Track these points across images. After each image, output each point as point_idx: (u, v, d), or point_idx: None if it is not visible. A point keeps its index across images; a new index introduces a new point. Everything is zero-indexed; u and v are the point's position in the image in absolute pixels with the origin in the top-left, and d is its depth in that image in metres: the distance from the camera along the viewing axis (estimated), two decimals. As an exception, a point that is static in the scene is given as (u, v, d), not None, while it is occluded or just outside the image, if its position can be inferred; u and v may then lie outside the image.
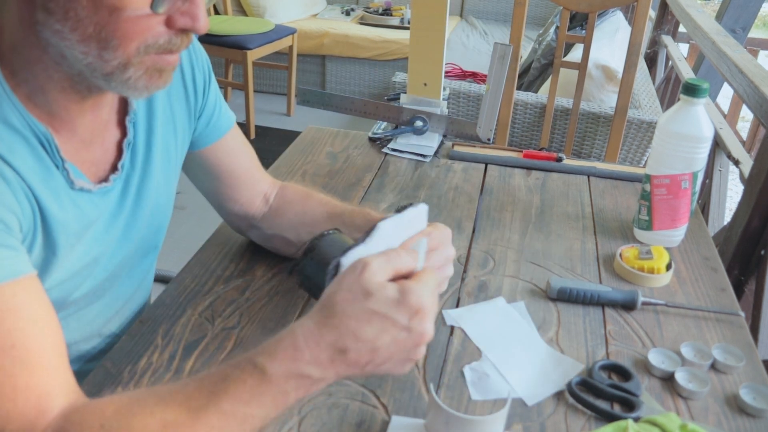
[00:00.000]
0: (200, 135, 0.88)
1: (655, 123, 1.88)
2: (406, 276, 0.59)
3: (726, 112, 3.69)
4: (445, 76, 2.41)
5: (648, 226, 1.04)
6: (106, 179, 0.73)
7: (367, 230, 0.62)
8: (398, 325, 0.55)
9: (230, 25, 3.50)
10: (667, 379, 0.77)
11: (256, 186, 0.94)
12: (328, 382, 0.57)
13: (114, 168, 0.75)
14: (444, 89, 1.35)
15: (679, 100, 0.99)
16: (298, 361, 0.55)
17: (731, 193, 3.15)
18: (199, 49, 0.86)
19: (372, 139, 1.37)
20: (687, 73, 2.56)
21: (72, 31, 0.59)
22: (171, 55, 0.63)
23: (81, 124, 0.69)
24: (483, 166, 1.30)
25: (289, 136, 3.37)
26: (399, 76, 2.11)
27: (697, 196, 1.03)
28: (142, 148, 0.78)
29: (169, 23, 0.61)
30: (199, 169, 0.91)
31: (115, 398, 0.57)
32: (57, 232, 0.67)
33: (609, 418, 0.71)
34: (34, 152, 0.63)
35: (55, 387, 0.57)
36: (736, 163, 1.79)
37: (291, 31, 3.67)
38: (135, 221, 0.80)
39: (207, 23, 0.63)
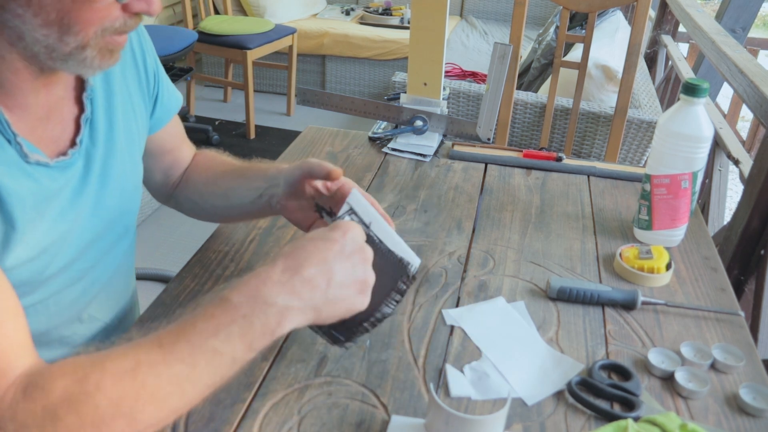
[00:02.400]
0: (155, 120, 0.92)
1: (655, 123, 1.88)
2: None
3: (726, 112, 3.69)
4: (445, 76, 2.41)
5: (648, 225, 1.04)
6: (65, 154, 0.74)
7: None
8: (333, 239, 0.64)
9: (230, 24, 3.50)
10: (667, 379, 0.78)
11: (183, 162, 1.00)
12: (294, 313, 0.61)
13: (73, 143, 0.76)
14: (444, 89, 1.35)
15: (679, 99, 0.99)
16: (258, 285, 0.60)
17: (731, 193, 3.15)
18: (144, 33, 0.89)
19: (372, 139, 1.37)
20: (687, 72, 2.56)
21: (34, 16, 0.61)
22: (122, 36, 0.68)
23: (34, 102, 0.70)
24: (483, 165, 1.30)
25: (289, 136, 3.38)
26: (399, 76, 2.11)
27: (697, 195, 1.03)
28: (102, 125, 0.79)
29: (125, 8, 0.65)
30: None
31: (87, 353, 0.58)
32: (12, 206, 0.67)
33: (609, 417, 0.71)
34: None
35: (13, 349, 0.57)
36: (736, 162, 1.79)
37: (291, 31, 3.66)
38: (103, 198, 0.81)
39: (160, 6, 0.67)
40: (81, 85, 0.77)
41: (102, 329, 0.88)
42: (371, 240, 0.70)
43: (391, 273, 0.71)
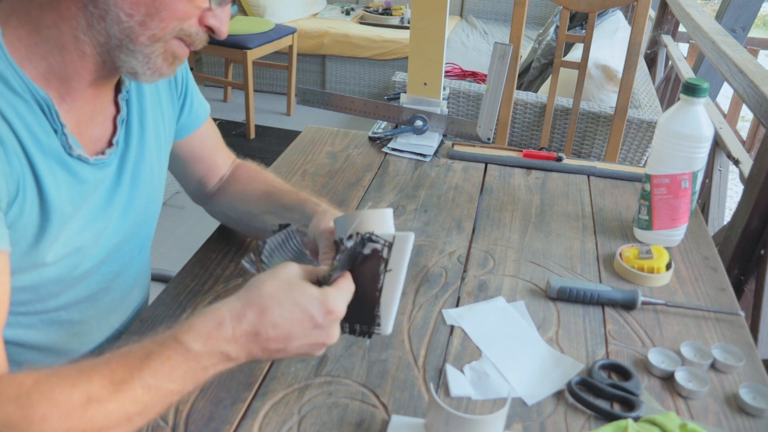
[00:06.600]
0: (182, 126, 0.92)
1: (655, 123, 1.89)
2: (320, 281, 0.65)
3: (726, 112, 3.69)
4: (445, 76, 2.41)
5: (648, 225, 1.04)
6: (102, 153, 0.76)
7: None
8: (314, 320, 0.61)
9: (230, 24, 3.50)
10: (667, 379, 0.78)
11: (217, 170, 0.99)
12: (240, 362, 0.61)
13: (110, 143, 0.77)
14: (444, 89, 1.35)
15: (679, 99, 0.99)
16: (220, 339, 0.59)
17: (731, 193, 3.15)
18: None
19: (372, 139, 1.37)
20: (687, 72, 2.56)
21: None
22: (189, 47, 0.71)
23: (83, 100, 0.71)
24: (483, 165, 1.30)
25: (289, 136, 3.38)
26: (399, 76, 2.11)
27: (697, 195, 1.03)
28: (136, 126, 0.81)
29: (201, 19, 0.69)
30: (170, 157, 0.94)
31: (36, 371, 0.56)
32: (51, 197, 0.68)
33: (609, 417, 0.71)
34: (33, 114, 0.65)
35: None
36: (736, 162, 1.79)
37: (291, 31, 3.66)
38: (132, 200, 0.82)
39: (227, 32, 0.72)
40: (117, 86, 0.78)
41: (113, 336, 0.88)
42: (375, 281, 0.66)
43: (361, 312, 0.67)
